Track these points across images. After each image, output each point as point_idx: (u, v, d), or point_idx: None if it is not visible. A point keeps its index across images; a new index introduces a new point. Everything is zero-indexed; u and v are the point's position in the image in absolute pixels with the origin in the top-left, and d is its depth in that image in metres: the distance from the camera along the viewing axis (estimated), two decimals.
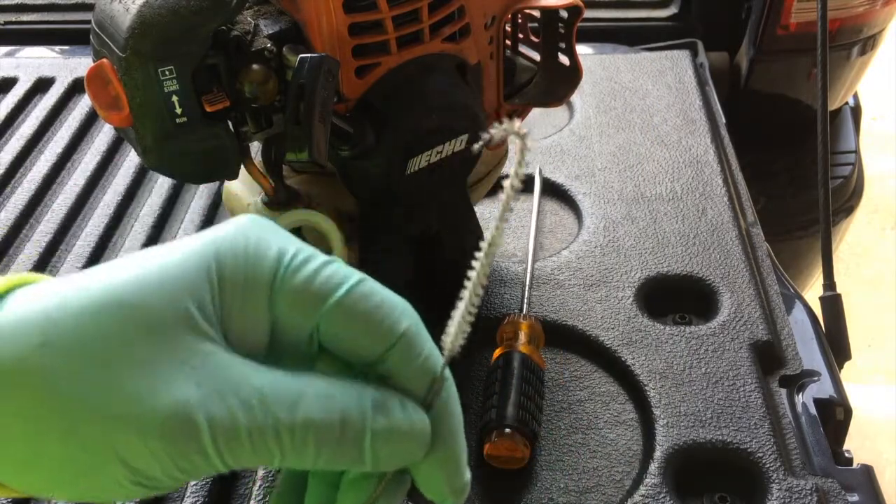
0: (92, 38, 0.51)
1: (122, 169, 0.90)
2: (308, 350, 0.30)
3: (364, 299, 0.29)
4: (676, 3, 1.16)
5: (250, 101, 0.51)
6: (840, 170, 1.30)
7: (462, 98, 0.57)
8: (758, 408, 0.60)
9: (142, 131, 0.49)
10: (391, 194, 0.58)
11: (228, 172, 0.55)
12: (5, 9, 1.21)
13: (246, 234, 0.30)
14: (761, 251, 0.76)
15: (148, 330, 0.27)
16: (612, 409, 0.62)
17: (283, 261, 0.29)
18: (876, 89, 2.31)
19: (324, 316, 0.29)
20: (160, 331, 0.27)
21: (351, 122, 0.54)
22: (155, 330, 0.27)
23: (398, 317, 0.30)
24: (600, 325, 0.67)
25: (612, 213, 0.78)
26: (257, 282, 0.29)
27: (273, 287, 0.29)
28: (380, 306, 0.30)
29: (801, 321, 0.73)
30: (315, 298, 0.29)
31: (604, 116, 0.92)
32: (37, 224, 0.84)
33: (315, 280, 0.29)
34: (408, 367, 0.30)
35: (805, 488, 0.55)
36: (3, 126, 0.98)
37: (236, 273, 0.29)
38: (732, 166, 0.86)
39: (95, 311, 0.26)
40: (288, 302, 0.29)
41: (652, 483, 0.56)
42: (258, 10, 0.53)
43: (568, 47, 0.63)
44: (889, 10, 1.16)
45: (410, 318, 0.30)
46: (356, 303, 0.29)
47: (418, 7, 0.54)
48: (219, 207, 0.84)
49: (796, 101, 1.23)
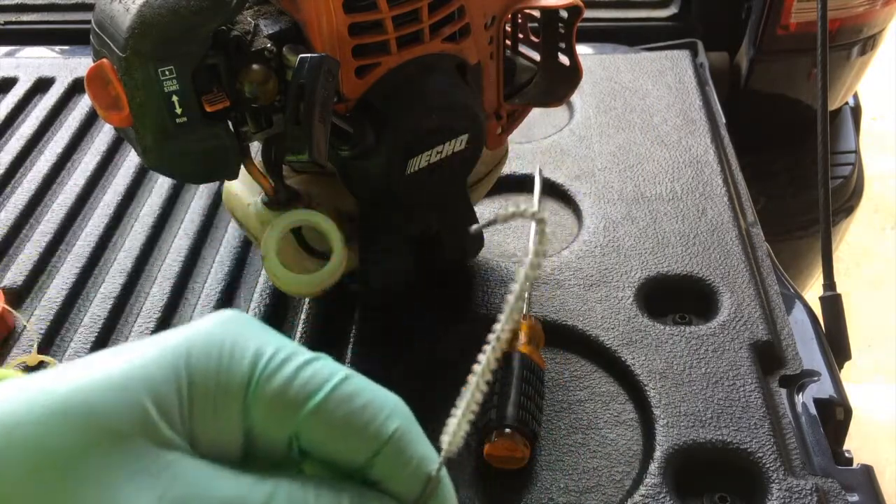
0: (92, 38, 0.51)
1: (122, 169, 0.90)
2: (288, 454, 0.28)
3: (347, 401, 0.27)
4: (676, 3, 1.16)
5: (250, 101, 0.51)
6: (840, 170, 1.30)
7: (462, 98, 0.57)
8: (758, 408, 0.60)
9: (142, 131, 0.50)
10: (391, 194, 0.58)
11: (228, 172, 0.55)
12: (5, 9, 1.21)
13: (222, 333, 0.28)
14: (761, 251, 0.76)
15: (109, 438, 0.25)
16: (612, 409, 0.62)
17: (260, 364, 0.27)
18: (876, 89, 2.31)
19: (302, 422, 0.27)
20: (121, 439, 0.25)
21: (351, 122, 0.54)
22: (116, 438, 0.25)
23: (385, 418, 0.28)
24: (600, 325, 0.67)
25: (612, 213, 0.78)
26: (230, 388, 0.27)
27: (247, 394, 0.27)
28: (365, 407, 0.28)
29: (801, 321, 0.73)
30: (292, 404, 0.27)
31: (604, 116, 0.92)
32: (37, 224, 0.84)
33: (293, 383, 0.27)
34: (398, 472, 0.28)
35: (805, 488, 0.55)
36: (3, 126, 0.98)
37: (207, 378, 0.27)
38: (732, 166, 0.86)
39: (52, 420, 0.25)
40: (263, 409, 0.27)
41: (652, 483, 0.56)
42: (258, 10, 0.53)
43: (568, 47, 0.63)
44: (889, 10, 1.16)
45: (400, 418, 0.28)
46: (338, 406, 0.27)
47: (418, 7, 0.54)
48: (219, 207, 0.84)
49: (796, 101, 1.23)
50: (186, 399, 0.27)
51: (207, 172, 0.55)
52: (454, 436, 0.27)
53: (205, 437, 0.27)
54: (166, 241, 0.81)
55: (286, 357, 0.28)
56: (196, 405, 0.27)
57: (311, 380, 0.27)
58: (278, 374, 0.27)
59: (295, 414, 0.27)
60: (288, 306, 0.73)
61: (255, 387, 0.27)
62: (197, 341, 0.27)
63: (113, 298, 0.74)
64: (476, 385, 0.27)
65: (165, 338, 0.28)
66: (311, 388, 0.27)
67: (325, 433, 0.27)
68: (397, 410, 0.28)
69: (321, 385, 0.27)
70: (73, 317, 0.74)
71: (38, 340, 0.70)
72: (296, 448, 0.28)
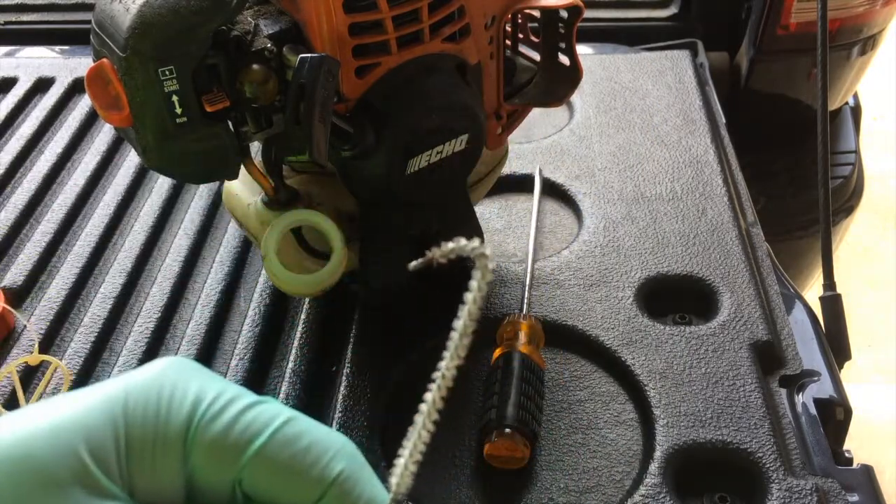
0: (92, 38, 0.51)
1: (122, 169, 0.90)
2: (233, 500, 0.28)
3: (290, 444, 0.27)
4: (676, 3, 1.16)
5: (250, 101, 0.51)
6: (840, 170, 1.30)
7: (462, 98, 0.57)
8: (758, 408, 0.60)
9: (142, 131, 0.50)
10: (391, 194, 0.58)
11: (228, 172, 0.55)
12: (5, 9, 1.21)
13: (161, 380, 0.27)
14: (761, 251, 0.76)
15: (44, 488, 0.25)
16: (612, 409, 0.62)
17: (199, 410, 0.27)
18: (876, 89, 2.31)
19: (244, 467, 0.27)
20: (57, 489, 0.25)
21: (351, 122, 0.54)
22: (51, 488, 0.25)
23: (330, 460, 0.27)
24: (600, 325, 0.67)
25: (612, 213, 0.78)
26: (168, 435, 0.27)
27: (186, 440, 0.27)
28: (309, 449, 0.27)
29: (801, 321, 0.73)
30: (234, 449, 0.27)
31: (604, 116, 0.92)
32: (37, 224, 0.84)
33: (234, 428, 0.27)
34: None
35: (805, 488, 0.55)
36: (3, 126, 0.98)
37: (145, 425, 0.27)
38: (732, 166, 0.86)
39: None
40: (203, 455, 0.27)
41: (652, 483, 0.56)
42: (258, 10, 0.53)
43: (568, 47, 0.63)
44: (889, 10, 1.16)
45: (346, 460, 0.28)
46: (281, 449, 0.27)
47: (418, 7, 0.54)
48: (219, 207, 0.84)
49: (796, 101, 1.23)
50: (124, 447, 0.26)
51: (207, 172, 0.55)
52: (401, 477, 0.27)
53: (144, 486, 0.27)
54: (166, 241, 0.81)
55: (227, 401, 0.27)
56: (133, 453, 0.26)
57: (253, 423, 0.27)
58: (219, 418, 0.27)
59: (237, 459, 0.27)
60: (288, 306, 0.73)
61: (195, 433, 0.27)
62: (135, 388, 0.27)
63: (113, 298, 0.74)
64: (422, 424, 0.26)
65: (105, 386, 0.27)
66: (253, 432, 0.27)
67: (269, 477, 0.27)
68: (343, 452, 0.28)
69: (263, 428, 0.27)
70: (73, 317, 0.74)
71: (38, 340, 0.70)
72: (239, 494, 0.27)
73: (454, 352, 0.26)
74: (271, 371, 0.68)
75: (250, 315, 0.72)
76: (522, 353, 0.61)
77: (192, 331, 0.71)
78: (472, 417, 0.61)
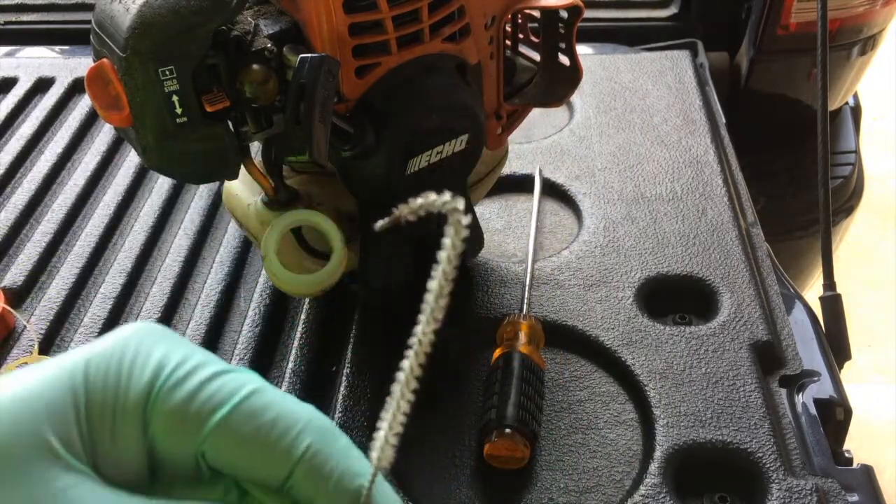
0: (92, 38, 0.51)
1: (122, 169, 0.90)
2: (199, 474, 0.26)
3: (253, 417, 0.25)
4: (676, 3, 1.16)
5: (250, 101, 0.51)
6: (840, 170, 1.30)
7: (462, 98, 0.57)
8: (758, 408, 0.60)
9: (142, 131, 0.50)
10: (391, 194, 0.58)
11: (228, 172, 0.55)
12: (5, 9, 1.21)
13: (124, 346, 0.26)
14: (761, 251, 0.76)
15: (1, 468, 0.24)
16: (612, 409, 0.62)
17: (161, 376, 0.25)
18: (876, 89, 2.31)
19: (206, 439, 0.25)
20: (15, 465, 0.24)
21: (351, 122, 0.54)
22: (10, 464, 0.24)
23: (298, 434, 0.26)
24: (600, 325, 0.67)
25: (612, 213, 0.78)
26: (127, 403, 0.25)
27: (146, 408, 0.25)
28: (274, 423, 0.25)
29: (801, 321, 0.73)
30: (195, 419, 0.25)
31: (604, 116, 0.92)
32: (37, 224, 0.84)
33: (196, 397, 0.25)
34: (318, 491, 0.26)
35: (805, 488, 0.55)
36: (3, 126, 0.98)
37: (105, 394, 0.25)
38: (732, 166, 0.86)
39: None
40: (163, 425, 0.25)
41: (652, 483, 0.56)
42: (258, 10, 0.53)
43: (568, 47, 0.63)
44: (889, 10, 1.16)
45: (315, 433, 0.26)
46: (244, 421, 0.25)
47: (418, 7, 0.54)
48: (219, 207, 0.84)
49: (796, 101, 1.23)
50: (84, 419, 0.25)
51: (207, 172, 0.55)
52: (382, 450, 0.26)
53: (108, 458, 0.25)
54: (166, 241, 0.81)
55: (192, 368, 0.26)
56: (93, 422, 0.25)
57: (217, 392, 0.25)
58: (181, 386, 0.25)
59: (198, 430, 0.25)
60: (288, 306, 0.73)
61: (155, 400, 0.25)
62: (97, 356, 0.26)
63: (113, 298, 0.74)
64: (400, 394, 0.25)
65: (67, 356, 0.26)
66: (217, 402, 0.25)
67: (232, 451, 0.26)
68: (312, 425, 0.26)
69: (227, 398, 0.25)
70: (73, 317, 0.74)
71: (38, 340, 0.70)
72: (204, 468, 0.26)
73: (430, 316, 0.24)
74: (271, 371, 0.68)
75: (250, 315, 0.72)
76: (522, 354, 0.61)
77: (192, 331, 0.71)
78: (472, 417, 0.61)
